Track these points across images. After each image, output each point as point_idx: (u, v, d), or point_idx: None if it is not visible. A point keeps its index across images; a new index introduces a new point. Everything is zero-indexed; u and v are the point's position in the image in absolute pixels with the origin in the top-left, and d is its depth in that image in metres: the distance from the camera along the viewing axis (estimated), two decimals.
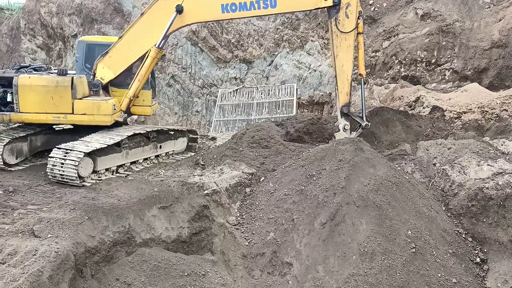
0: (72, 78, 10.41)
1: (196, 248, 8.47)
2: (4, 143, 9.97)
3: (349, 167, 8.50)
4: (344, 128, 10.62)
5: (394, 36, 15.58)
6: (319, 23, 17.14)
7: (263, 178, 9.88)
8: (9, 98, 10.27)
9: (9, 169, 10.14)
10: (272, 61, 17.74)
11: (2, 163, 9.98)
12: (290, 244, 8.04)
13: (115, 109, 10.71)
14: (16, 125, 11.34)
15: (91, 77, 11.01)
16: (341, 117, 10.68)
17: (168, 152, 12.07)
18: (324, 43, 16.97)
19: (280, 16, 17.37)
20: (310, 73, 17.08)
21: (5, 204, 8.07)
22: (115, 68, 11.02)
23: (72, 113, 10.40)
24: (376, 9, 16.43)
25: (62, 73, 10.60)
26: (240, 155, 10.71)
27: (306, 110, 17.30)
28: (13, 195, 8.57)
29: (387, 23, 15.96)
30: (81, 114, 10.41)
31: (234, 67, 18.20)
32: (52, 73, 11.08)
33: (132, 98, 11.10)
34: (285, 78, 17.41)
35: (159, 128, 11.84)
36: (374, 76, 15.90)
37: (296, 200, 8.58)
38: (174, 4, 10.46)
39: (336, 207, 7.96)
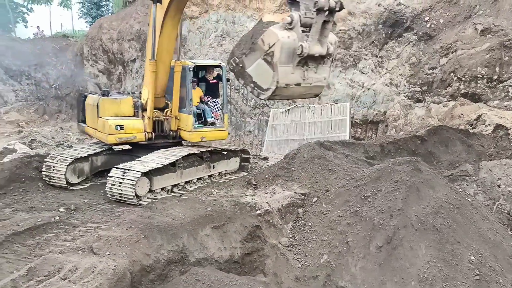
0: (99, 98, 11.22)
1: (249, 269, 8.41)
2: (67, 163, 10.49)
3: (406, 188, 8.17)
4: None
5: (452, 53, 15.04)
6: (373, 41, 16.90)
7: (315, 199, 9.70)
8: None
9: (71, 188, 10.64)
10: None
11: (65, 183, 10.50)
12: (345, 268, 7.79)
13: (117, 129, 10.65)
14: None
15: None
16: None
17: (221, 172, 12.20)
18: (378, 61, 16.68)
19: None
20: (363, 91, 16.80)
21: (67, 222, 8.44)
22: (148, 88, 11.14)
23: (97, 129, 11.24)
24: (432, 25, 15.98)
25: (104, 94, 11.52)
26: (292, 175, 10.61)
27: (360, 130, 16.96)
28: (74, 213, 8.96)
29: (444, 40, 15.45)
30: (99, 131, 11.18)
31: None
32: (135, 97, 11.83)
33: (175, 118, 11.36)
34: (337, 97, 17.22)
35: (212, 148, 12.01)
36: (431, 93, 15.37)
37: (351, 222, 8.34)
38: None
39: (393, 230, 7.65)
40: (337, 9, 6.69)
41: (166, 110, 11.42)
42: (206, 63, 12.36)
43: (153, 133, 11.30)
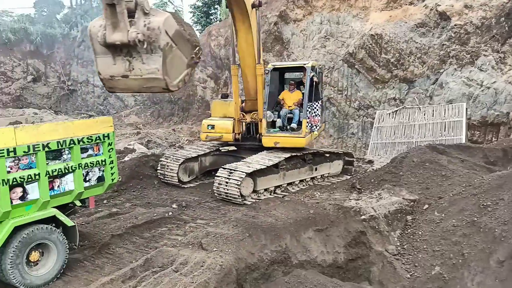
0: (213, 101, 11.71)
1: (353, 275, 8.17)
2: (179, 163, 11.17)
3: None
4: None
5: None
6: (493, 36, 15.45)
7: (427, 206, 9.12)
8: None
9: (182, 186, 11.30)
10: (437, 79, 16.53)
11: (177, 181, 11.19)
12: (460, 282, 7.18)
13: (208, 128, 11.74)
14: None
15: None
16: None
17: (323, 175, 12.06)
18: (500, 57, 15.20)
19: (446, 31, 16.17)
20: (482, 91, 15.41)
21: (179, 218, 8.97)
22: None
23: None
24: None
25: (223, 96, 12.18)
26: (400, 180, 10.10)
27: (478, 132, 15.58)
28: (185, 209, 9.50)
29: None
30: None
31: (393, 87, 17.48)
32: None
33: (260, 120, 11.37)
34: (452, 97, 16.02)
35: (315, 151, 11.92)
36: None
37: (467, 232, 7.68)
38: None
39: None
40: None
41: (253, 113, 11.48)
42: (287, 65, 12.10)
43: (240, 135, 11.60)
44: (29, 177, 5.99)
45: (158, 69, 5.98)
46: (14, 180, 5.83)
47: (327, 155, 12.13)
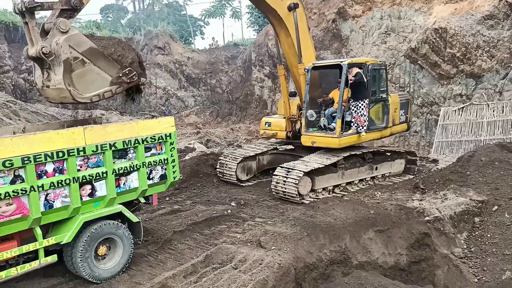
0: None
1: (416, 278, 7.90)
2: (238, 162, 11.32)
3: None
4: None
5: None
6: None
7: (496, 207, 8.62)
8: None
9: (240, 184, 11.44)
10: (507, 73, 15.53)
11: (235, 179, 11.35)
12: None
13: (266, 125, 12.37)
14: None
15: None
16: None
17: (384, 174, 11.72)
18: None
19: None
20: None
21: (237, 215, 9.10)
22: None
23: None
24: None
25: (291, 94, 12.03)
26: (467, 180, 9.62)
27: None
28: (244, 208, 9.61)
29: None
30: None
31: (459, 83, 16.63)
32: None
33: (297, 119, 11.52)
34: None
35: (375, 149, 11.61)
36: None
37: None
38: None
39: None
40: (23, 8, 6.43)
41: (300, 112, 11.41)
42: (326, 63, 11.78)
43: (291, 133, 11.71)
44: (97, 175, 6.32)
45: (60, 81, 6.42)
46: (84, 177, 6.18)
47: (388, 154, 11.77)
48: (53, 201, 5.92)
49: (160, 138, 7.08)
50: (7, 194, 5.45)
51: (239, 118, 25.84)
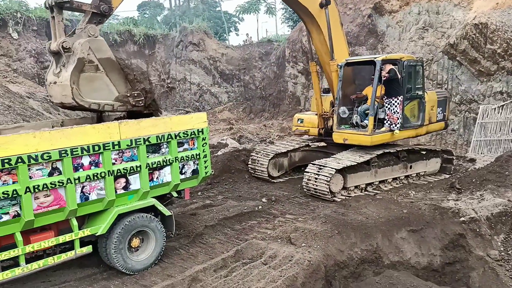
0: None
1: (449, 279, 7.70)
2: (269, 158, 11.34)
3: None
4: None
5: None
6: None
7: None
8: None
9: (272, 180, 11.46)
10: None
11: (267, 175, 11.37)
12: None
13: (298, 122, 12.34)
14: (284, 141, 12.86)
15: None
16: None
17: (419, 173, 11.46)
18: None
19: None
20: None
21: (268, 212, 9.12)
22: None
23: None
24: None
25: (324, 91, 12.02)
26: (506, 181, 9.28)
27: None
28: (274, 204, 9.63)
29: None
30: None
31: (500, 80, 16.02)
32: None
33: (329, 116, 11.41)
34: None
35: (410, 148, 11.37)
36: None
37: None
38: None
39: None
40: (53, 2, 6.60)
41: (333, 109, 11.24)
42: (359, 59, 11.54)
43: (323, 130, 11.58)
44: (132, 168, 6.48)
45: (67, 77, 6.47)
46: (118, 171, 6.34)
47: (424, 152, 11.49)
48: (89, 194, 6.11)
49: (193, 133, 7.18)
50: (45, 186, 5.67)
51: (272, 115, 25.83)
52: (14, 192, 5.44)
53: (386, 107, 10.45)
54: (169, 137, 6.87)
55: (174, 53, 29.29)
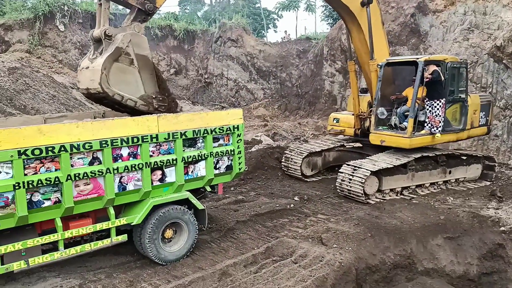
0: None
1: None
2: (303, 157, 11.27)
3: None
4: None
5: None
6: None
7: None
8: None
9: (305, 179, 11.39)
10: None
11: (300, 174, 11.32)
12: None
13: (334, 121, 12.21)
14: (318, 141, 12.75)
15: None
16: None
17: (458, 179, 11.11)
18: None
19: None
20: None
21: (300, 210, 9.08)
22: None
23: None
24: None
25: (362, 91, 11.78)
26: None
27: None
28: (306, 203, 9.57)
29: None
30: None
31: None
32: None
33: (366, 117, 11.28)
34: None
35: (449, 152, 11.03)
36: None
37: None
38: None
39: None
40: None
41: (370, 109, 11.04)
42: (401, 59, 11.20)
43: (360, 130, 11.41)
44: (168, 161, 6.59)
45: (100, 63, 6.56)
46: (155, 163, 6.46)
47: (464, 157, 11.13)
48: (126, 184, 6.26)
49: (228, 129, 7.23)
50: (85, 174, 5.85)
51: (307, 113, 25.64)
52: (56, 179, 5.63)
53: (427, 109, 10.18)
54: (205, 132, 6.94)
55: (213, 49, 29.53)
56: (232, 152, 7.35)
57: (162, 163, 6.53)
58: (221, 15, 36.40)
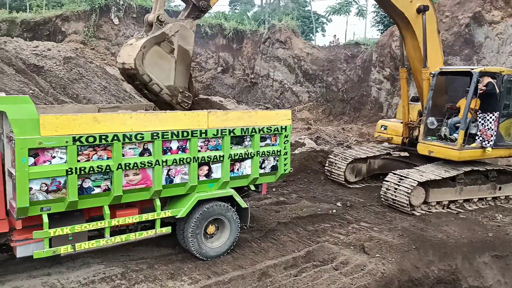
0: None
1: None
2: (347, 162, 11.12)
3: None
4: None
5: None
6: None
7: None
8: None
9: (348, 185, 11.23)
10: None
11: (343, 180, 11.17)
12: None
13: (382, 128, 11.91)
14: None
15: None
16: None
17: (508, 196, 10.64)
18: None
19: None
20: None
21: (342, 217, 8.96)
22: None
23: None
24: None
25: (413, 99, 11.55)
26: None
27: None
28: (349, 209, 9.43)
29: None
30: None
31: None
32: None
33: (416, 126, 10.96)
34: None
35: (501, 168, 10.57)
36: None
37: None
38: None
39: None
40: None
41: (420, 118, 10.75)
42: (455, 69, 10.70)
43: (408, 139, 11.13)
44: (215, 157, 6.66)
45: (142, 42, 6.74)
46: (203, 158, 6.55)
47: None
48: (174, 177, 6.38)
49: (276, 129, 7.23)
50: (135, 165, 5.99)
51: (351, 119, 25.27)
52: (107, 168, 5.80)
53: (480, 122, 9.80)
54: (253, 131, 6.97)
55: (261, 49, 29.63)
56: (279, 153, 7.34)
57: (209, 159, 6.61)
58: (270, 17, 36.53)
